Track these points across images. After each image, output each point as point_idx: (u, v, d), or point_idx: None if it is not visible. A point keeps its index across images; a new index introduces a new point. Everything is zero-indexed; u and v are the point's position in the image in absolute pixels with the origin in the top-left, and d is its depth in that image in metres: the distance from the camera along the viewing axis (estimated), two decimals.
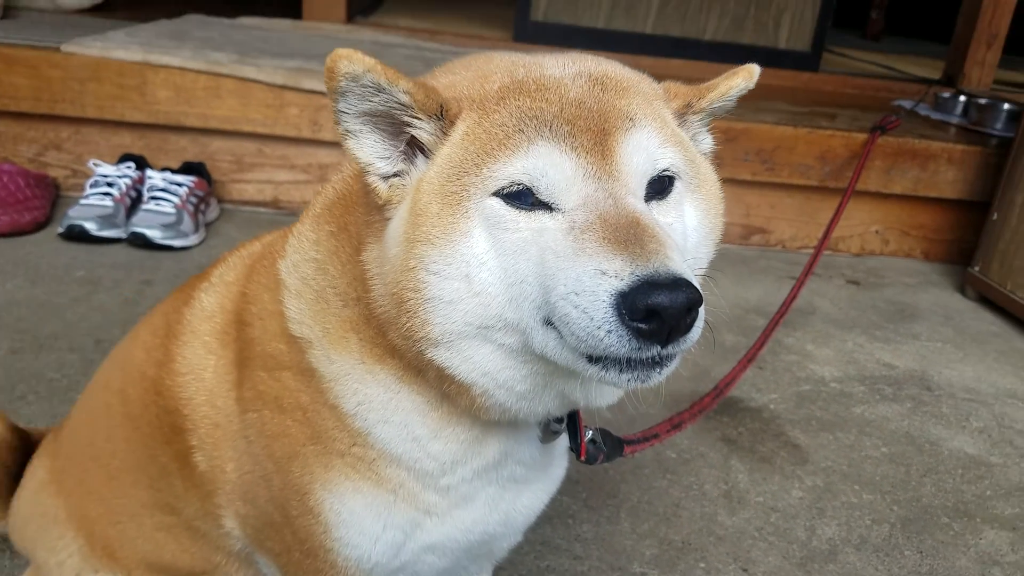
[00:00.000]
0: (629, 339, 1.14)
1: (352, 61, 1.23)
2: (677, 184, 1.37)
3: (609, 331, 1.13)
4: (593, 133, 1.27)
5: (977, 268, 4.68)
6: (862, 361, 3.88)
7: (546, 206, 1.24)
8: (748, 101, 1.65)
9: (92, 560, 1.87)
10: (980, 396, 3.67)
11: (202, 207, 4.39)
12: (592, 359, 1.20)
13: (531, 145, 1.25)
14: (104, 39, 4.65)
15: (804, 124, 5.03)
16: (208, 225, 4.50)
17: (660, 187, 1.35)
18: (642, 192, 1.31)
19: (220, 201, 4.75)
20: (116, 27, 5.11)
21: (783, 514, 2.77)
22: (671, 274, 1.13)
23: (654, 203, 1.34)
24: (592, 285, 1.14)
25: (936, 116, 5.84)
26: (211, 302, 1.70)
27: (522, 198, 1.24)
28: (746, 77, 1.55)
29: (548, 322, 1.22)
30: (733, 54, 6.58)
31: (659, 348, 1.15)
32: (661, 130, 1.35)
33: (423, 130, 1.32)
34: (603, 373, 1.20)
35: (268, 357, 1.52)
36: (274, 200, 4.84)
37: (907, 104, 6.11)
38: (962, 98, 5.92)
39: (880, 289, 4.80)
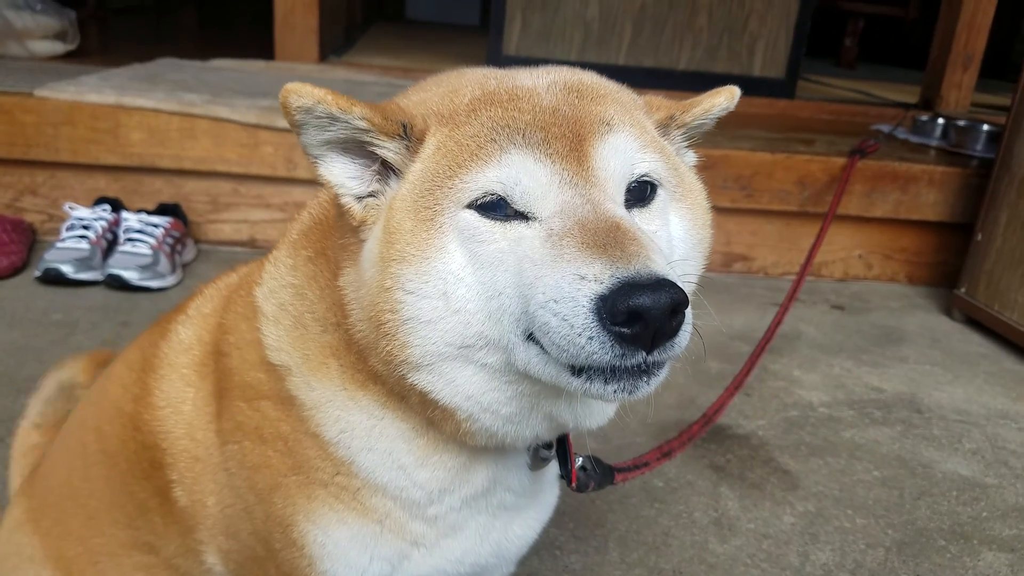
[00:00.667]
0: (612, 345, 1.10)
1: (301, 95, 1.21)
2: (660, 192, 1.35)
3: (591, 337, 1.10)
4: (568, 139, 1.24)
5: (963, 290, 4.66)
6: (850, 385, 3.85)
7: (522, 216, 1.22)
8: (724, 128, 1.64)
9: None
10: (971, 418, 3.64)
11: (178, 248, 4.36)
12: (576, 371, 1.16)
13: (503, 154, 1.23)
14: (77, 83, 4.62)
15: (781, 150, 5.02)
16: (185, 266, 4.46)
17: (641, 194, 1.32)
18: (621, 198, 1.28)
19: (197, 241, 4.72)
20: (89, 72, 5.09)
21: (775, 540, 2.73)
22: (653, 275, 1.09)
23: (636, 210, 1.31)
24: (571, 291, 1.11)
25: (915, 139, 5.84)
26: (188, 334, 1.67)
27: (497, 209, 1.22)
28: (728, 97, 1.54)
29: (529, 336, 1.19)
30: (708, 83, 6.46)
31: (644, 354, 1.11)
32: (640, 136, 1.32)
33: (389, 151, 1.30)
34: (587, 385, 1.16)
35: (247, 387, 1.48)
36: (251, 239, 4.81)
37: (885, 128, 6.11)
38: (940, 120, 5.91)
39: (865, 313, 4.78)
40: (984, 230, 4.53)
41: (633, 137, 1.31)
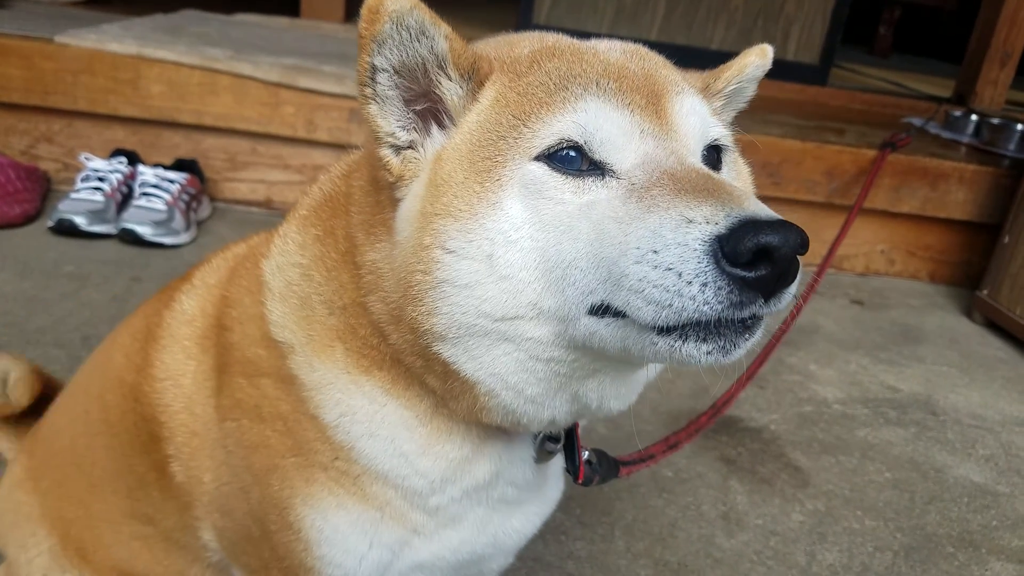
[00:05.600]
0: (729, 291, 1.00)
1: None
2: (724, 164, 1.31)
3: (704, 284, 1.00)
4: (643, 93, 1.18)
5: (986, 292, 4.59)
6: (866, 383, 3.80)
7: (597, 170, 1.14)
8: (754, 112, 1.58)
9: (62, 560, 1.81)
10: (987, 423, 3.59)
11: (194, 205, 4.32)
12: (665, 330, 1.07)
13: (578, 101, 1.15)
14: (98, 31, 4.58)
15: (812, 138, 4.95)
16: (200, 223, 4.43)
17: (710, 161, 1.26)
18: (699, 158, 1.22)
19: (212, 199, 4.68)
20: (111, 20, 5.05)
21: (783, 538, 2.69)
22: (773, 214, 1.01)
23: None
24: (678, 236, 1.02)
25: (947, 135, 5.75)
26: (192, 305, 1.62)
27: (570, 163, 1.13)
28: (760, 54, 1.49)
29: (596, 310, 1.11)
30: None
31: (761, 303, 1.03)
32: (706, 103, 1.29)
33: (450, 91, 1.20)
34: (678, 344, 1.07)
35: (247, 363, 1.43)
36: (267, 200, 4.77)
37: (917, 122, 6.00)
38: (974, 117, 5.83)
39: (885, 310, 4.72)
40: (1012, 232, 4.46)
41: (703, 102, 1.27)
